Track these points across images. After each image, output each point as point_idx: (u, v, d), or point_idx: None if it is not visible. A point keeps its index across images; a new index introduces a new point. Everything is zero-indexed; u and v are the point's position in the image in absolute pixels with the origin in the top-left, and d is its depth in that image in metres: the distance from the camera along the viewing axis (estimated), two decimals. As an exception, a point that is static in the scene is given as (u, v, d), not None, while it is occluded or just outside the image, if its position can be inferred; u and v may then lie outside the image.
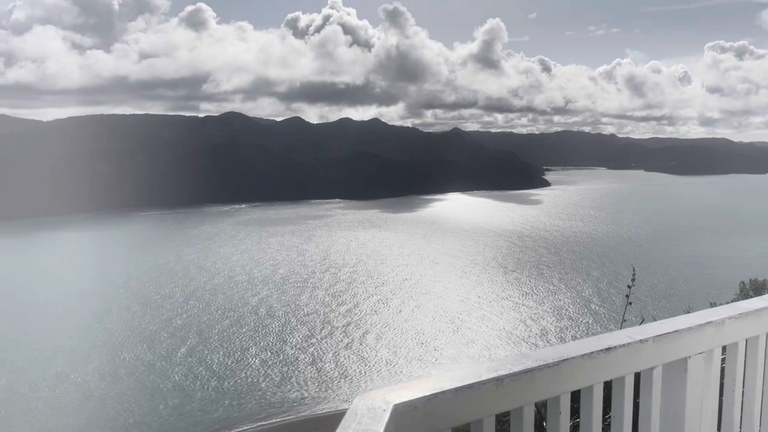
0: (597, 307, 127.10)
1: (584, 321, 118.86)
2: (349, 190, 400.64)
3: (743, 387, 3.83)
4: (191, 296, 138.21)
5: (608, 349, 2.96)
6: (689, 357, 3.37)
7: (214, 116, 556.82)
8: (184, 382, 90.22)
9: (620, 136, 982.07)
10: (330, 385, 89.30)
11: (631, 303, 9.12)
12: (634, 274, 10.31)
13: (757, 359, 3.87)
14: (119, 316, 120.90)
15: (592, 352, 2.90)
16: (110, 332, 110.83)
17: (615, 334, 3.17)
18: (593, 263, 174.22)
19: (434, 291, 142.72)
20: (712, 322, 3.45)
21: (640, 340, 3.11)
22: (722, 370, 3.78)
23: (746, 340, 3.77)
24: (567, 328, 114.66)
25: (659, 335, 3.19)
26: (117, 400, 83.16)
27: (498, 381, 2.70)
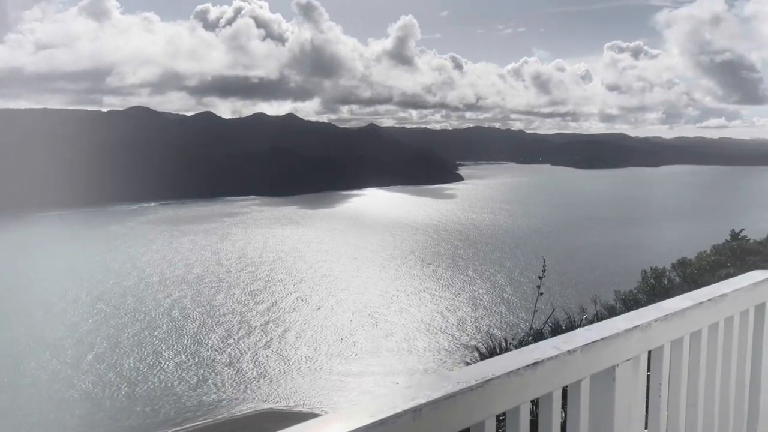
0: (510, 297, 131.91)
1: (498, 310, 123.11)
2: (265, 186, 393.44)
3: (668, 391, 3.80)
4: (99, 300, 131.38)
5: (535, 363, 2.72)
6: (617, 365, 3.21)
7: (118, 111, 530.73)
8: (93, 390, 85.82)
9: (528, 131, 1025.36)
10: (249, 386, 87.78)
11: (542, 293, 9.51)
12: (544, 265, 10.75)
13: (681, 361, 3.84)
14: (19, 323, 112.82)
15: (518, 369, 2.65)
16: (9, 340, 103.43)
17: (541, 346, 2.94)
18: (505, 254, 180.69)
19: (353, 286, 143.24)
20: (638, 326, 3.34)
21: (568, 351, 2.90)
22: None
23: (671, 342, 3.74)
24: (482, 317, 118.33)
25: (587, 344, 3.02)
26: (18, 413, 77.92)
27: (415, 412, 2.29)
